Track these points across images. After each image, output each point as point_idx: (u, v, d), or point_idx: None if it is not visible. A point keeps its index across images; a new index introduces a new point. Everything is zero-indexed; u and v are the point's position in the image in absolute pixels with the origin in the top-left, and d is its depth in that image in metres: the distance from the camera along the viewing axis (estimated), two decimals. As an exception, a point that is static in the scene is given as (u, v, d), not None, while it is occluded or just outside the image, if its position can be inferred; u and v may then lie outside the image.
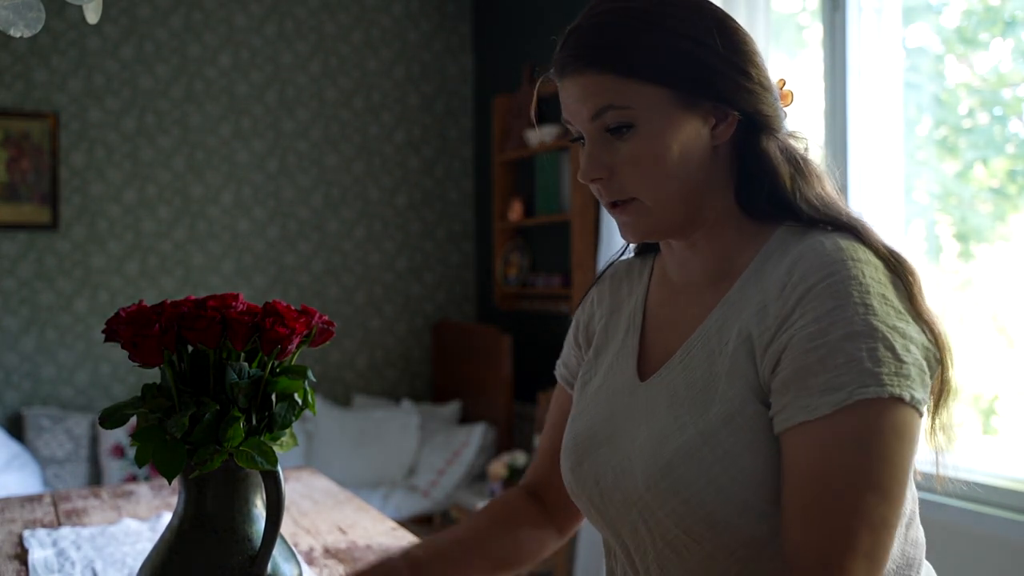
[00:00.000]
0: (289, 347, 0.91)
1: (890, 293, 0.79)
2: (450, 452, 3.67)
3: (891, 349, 0.76)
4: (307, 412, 0.97)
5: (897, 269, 0.82)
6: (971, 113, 2.46)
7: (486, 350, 3.85)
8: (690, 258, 0.93)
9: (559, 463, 1.05)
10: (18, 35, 1.01)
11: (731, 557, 0.82)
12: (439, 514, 3.48)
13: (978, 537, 2.03)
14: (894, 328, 0.77)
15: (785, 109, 0.93)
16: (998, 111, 2.40)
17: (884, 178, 2.44)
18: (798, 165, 0.89)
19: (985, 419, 2.42)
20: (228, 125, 3.92)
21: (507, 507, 1.09)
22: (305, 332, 0.93)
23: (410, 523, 3.34)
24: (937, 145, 2.55)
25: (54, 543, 1.33)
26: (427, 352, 4.34)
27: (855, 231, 0.84)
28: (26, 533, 1.37)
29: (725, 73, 0.86)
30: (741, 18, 2.58)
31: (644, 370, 0.95)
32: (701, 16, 0.87)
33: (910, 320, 0.79)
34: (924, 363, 0.78)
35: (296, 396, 0.95)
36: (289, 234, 4.04)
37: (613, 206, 0.90)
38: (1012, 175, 2.37)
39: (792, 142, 0.91)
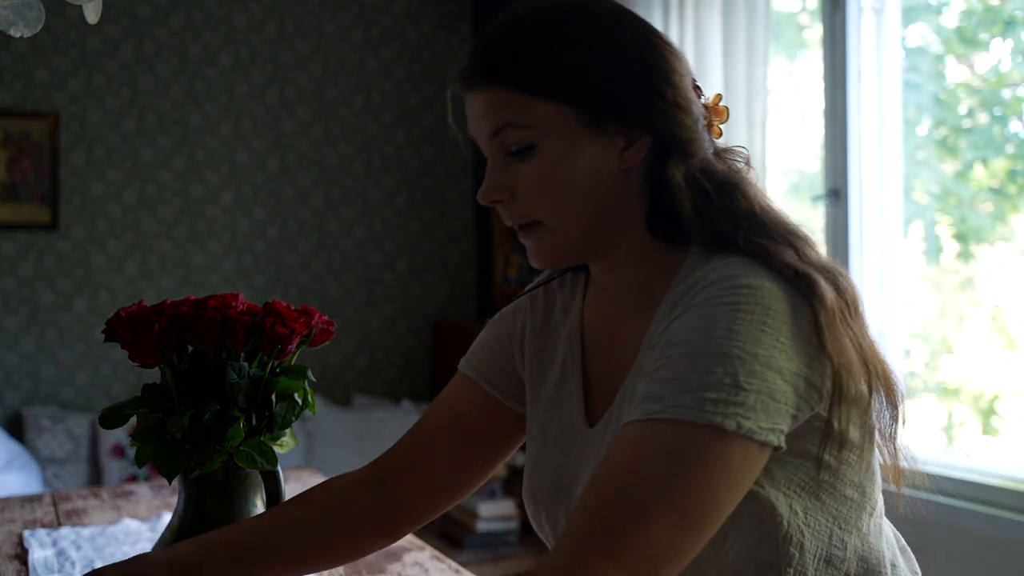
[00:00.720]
0: (289, 347, 0.91)
1: (776, 320, 0.73)
2: (450, 452, 3.67)
3: (733, 375, 0.70)
4: (307, 412, 0.96)
5: (803, 291, 0.75)
6: (971, 113, 2.46)
7: (486, 350, 3.85)
8: (612, 283, 0.90)
9: (425, 454, 0.99)
10: (18, 35, 1.01)
11: None
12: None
13: (978, 537, 2.03)
14: (753, 355, 0.71)
15: (720, 125, 0.88)
16: (998, 111, 2.40)
17: (884, 178, 2.44)
18: (707, 192, 0.82)
19: (985, 419, 2.42)
20: (228, 125, 3.92)
21: (330, 498, 0.95)
22: (305, 332, 0.93)
23: (410, 523, 3.33)
24: (937, 145, 2.55)
25: (54, 543, 1.33)
26: (427, 352, 4.34)
27: (758, 255, 0.78)
28: (26, 533, 1.37)
29: (636, 93, 0.81)
30: (741, 18, 2.58)
31: (592, 411, 0.91)
32: (615, 30, 0.82)
33: (788, 348, 0.72)
34: (788, 392, 0.72)
35: (296, 396, 0.95)
36: (289, 234, 4.04)
37: (519, 229, 0.85)
38: (1012, 175, 2.37)
39: (713, 166, 0.85)
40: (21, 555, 1.29)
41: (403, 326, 4.29)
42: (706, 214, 0.82)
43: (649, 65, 0.82)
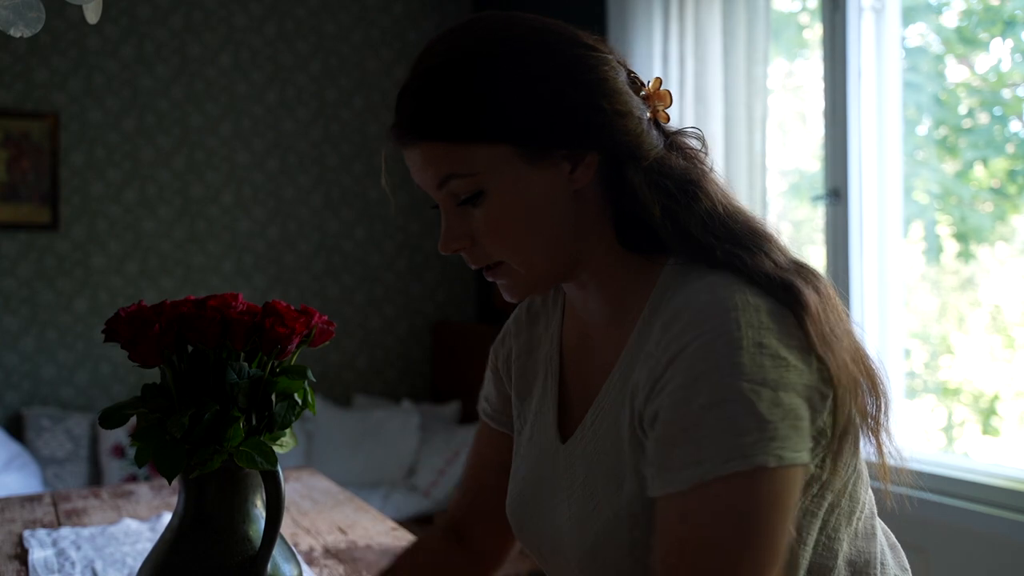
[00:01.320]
0: (289, 347, 0.91)
1: (769, 337, 0.72)
2: (450, 452, 3.67)
3: (753, 413, 0.70)
4: (307, 412, 0.96)
5: (786, 300, 0.75)
6: (971, 113, 2.47)
7: (486, 350, 3.82)
8: (586, 299, 0.88)
9: (482, 503, 1.04)
10: (18, 35, 1.01)
11: None
12: (439, 514, 3.48)
13: (978, 537, 2.03)
14: (763, 383, 0.71)
15: (666, 110, 0.85)
16: (998, 111, 2.40)
17: (884, 178, 2.44)
18: (671, 192, 0.80)
19: (985, 419, 2.43)
20: (228, 125, 3.92)
21: (428, 559, 1.03)
22: (305, 332, 0.93)
23: (410, 523, 3.34)
24: (937, 145, 2.55)
25: (54, 543, 1.33)
26: (427, 352, 4.35)
27: (735, 266, 0.77)
28: (26, 533, 1.37)
29: (571, 115, 0.78)
30: (741, 18, 2.58)
31: (565, 425, 0.91)
32: (535, 56, 0.79)
33: (790, 362, 0.72)
34: (803, 406, 0.72)
35: (296, 396, 0.95)
36: (289, 234, 4.04)
37: (485, 270, 0.84)
38: (1012, 175, 2.37)
39: (670, 161, 0.82)
40: (21, 555, 1.29)
41: (403, 326, 4.29)
42: (675, 216, 0.80)
43: (578, 82, 0.79)
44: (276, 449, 0.91)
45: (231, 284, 3.90)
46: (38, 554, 1.28)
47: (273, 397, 0.93)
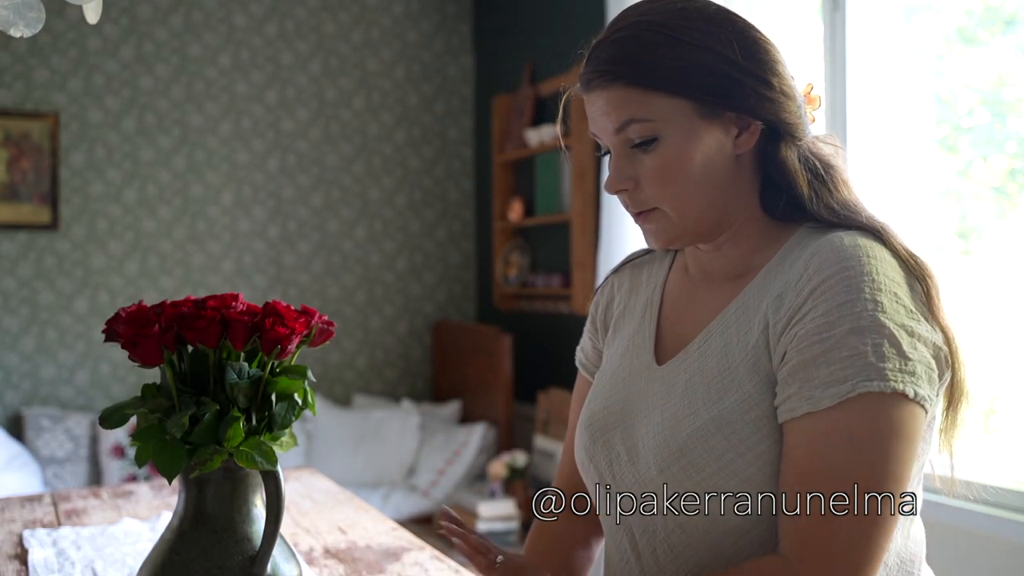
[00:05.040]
0: (289, 347, 0.91)
1: (903, 292, 0.80)
2: (450, 452, 3.67)
3: (896, 346, 0.77)
4: (307, 412, 0.97)
5: (915, 272, 0.83)
6: (971, 112, 2.46)
7: (486, 350, 3.85)
8: (715, 258, 0.96)
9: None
10: (18, 35, 1.01)
11: (744, 537, 0.84)
12: (438, 514, 3.47)
13: (978, 537, 2.03)
14: (902, 326, 0.78)
15: (813, 113, 0.94)
16: (998, 110, 2.40)
17: (884, 177, 2.44)
18: (818, 172, 0.90)
19: (985, 419, 2.42)
20: (228, 125, 3.92)
21: (555, 539, 1.09)
22: (305, 332, 0.92)
23: (410, 523, 3.34)
24: (938, 144, 2.55)
25: (54, 543, 1.33)
26: (427, 352, 4.34)
27: (875, 232, 0.86)
28: (26, 533, 1.37)
29: (746, 84, 0.87)
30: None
31: (661, 355, 0.97)
32: (722, 28, 0.88)
33: (921, 319, 0.80)
34: (933, 362, 0.79)
35: (296, 396, 0.94)
36: (289, 234, 4.04)
37: (638, 215, 0.92)
38: (1012, 173, 2.37)
39: (817, 148, 0.93)
40: (21, 555, 1.29)
41: (403, 326, 4.29)
42: (819, 192, 0.89)
43: (755, 58, 0.88)
44: (276, 449, 0.91)
45: (231, 284, 3.90)
46: (38, 554, 1.28)
47: (273, 397, 0.93)
